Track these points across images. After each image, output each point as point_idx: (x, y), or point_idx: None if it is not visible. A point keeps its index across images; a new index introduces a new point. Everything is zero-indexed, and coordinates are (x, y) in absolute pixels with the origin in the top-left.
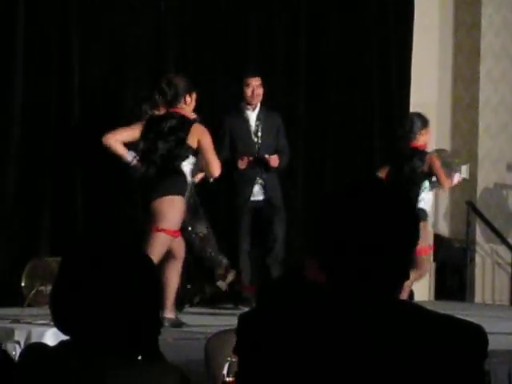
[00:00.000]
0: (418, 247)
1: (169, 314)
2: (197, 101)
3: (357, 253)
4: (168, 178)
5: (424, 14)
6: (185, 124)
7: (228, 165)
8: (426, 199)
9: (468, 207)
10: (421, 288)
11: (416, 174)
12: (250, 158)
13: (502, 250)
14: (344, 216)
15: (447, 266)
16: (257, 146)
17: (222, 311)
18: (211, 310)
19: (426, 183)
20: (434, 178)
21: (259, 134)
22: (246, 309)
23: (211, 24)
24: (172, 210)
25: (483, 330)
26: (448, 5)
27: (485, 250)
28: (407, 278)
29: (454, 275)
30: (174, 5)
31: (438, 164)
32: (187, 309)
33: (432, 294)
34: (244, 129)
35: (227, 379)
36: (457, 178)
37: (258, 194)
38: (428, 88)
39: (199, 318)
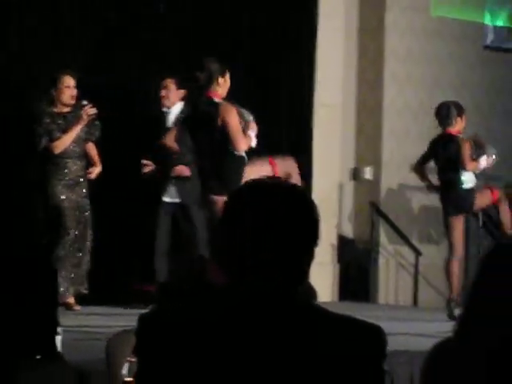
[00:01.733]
0: None
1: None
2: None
3: (256, 253)
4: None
5: (329, 16)
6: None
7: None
8: (469, 178)
9: (372, 208)
10: (324, 289)
11: (452, 159)
12: (150, 165)
13: (405, 251)
14: (242, 216)
15: (351, 266)
16: (170, 151)
17: (126, 311)
18: (115, 310)
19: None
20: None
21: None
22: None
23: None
24: None
25: (382, 331)
26: (353, 7)
27: (388, 251)
28: (306, 277)
29: (358, 276)
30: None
31: (466, 147)
32: (91, 309)
33: (336, 295)
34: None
35: (127, 379)
36: (484, 160)
37: (175, 195)
38: (333, 89)
39: (102, 318)
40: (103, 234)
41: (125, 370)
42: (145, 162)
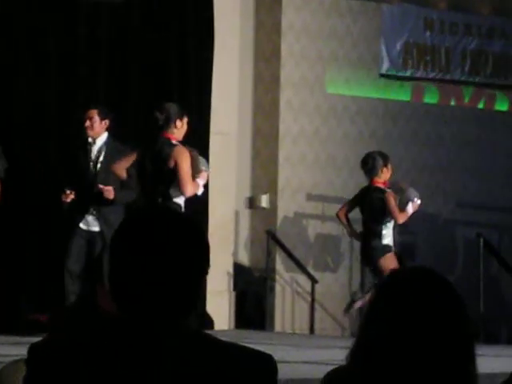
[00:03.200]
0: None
1: None
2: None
3: (143, 282)
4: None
5: (224, 42)
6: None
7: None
8: (388, 233)
9: (268, 236)
10: (221, 317)
11: (376, 211)
12: (72, 193)
13: (302, 279)
14: (128, 245)
15: (247, 294)
16: (93, 176)
17: (19, 340)
18: (8, 339)
19: (387, 219)
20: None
21: (98, 165)
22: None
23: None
24: None
25: (272, 359)
26: (248, 34)
27: (285, 279)
28: (195, 307)
29: (254, 304)
30: None
31: (392, 202)
32: None
33: (232, 323)
34: (84, 158)
35: None
36: (411, 208)
37: (92, 223)
38: (228, 117)
39: None
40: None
41: None
42: (68, 191)
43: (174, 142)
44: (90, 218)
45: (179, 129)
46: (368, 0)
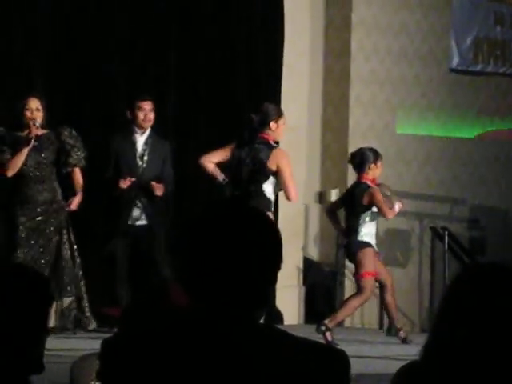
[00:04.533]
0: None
1: None
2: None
3: (218, 276)
4: (251, 199)
5: (294, 39)
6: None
7: (110, 185)
8: (367, 231)
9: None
10: (290, 311)
11: (355, 206)
12: (133, 179)
13: None
14: (206, 240)
15: (317, 289)
16: (140, 170)
17: (91, 335)
18: (80, 334)
19: (367, 216)
20: (374, 209)
21: (145, 158)
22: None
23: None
24: None
25: (345, 355)
26: (318, 30)
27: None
28: (267, 302)
29: (324, 299)
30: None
31: (378, 197)
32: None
33: (302, 318)
34: (130, 151)
35: None
36: (397, 207)
37: (137, 218)
38: (298, 112)
39: (67, 342)
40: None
41: None
42: (128, 178)
43: (272, 143)
44: (135, 212)
45: (274, 130)
46: None
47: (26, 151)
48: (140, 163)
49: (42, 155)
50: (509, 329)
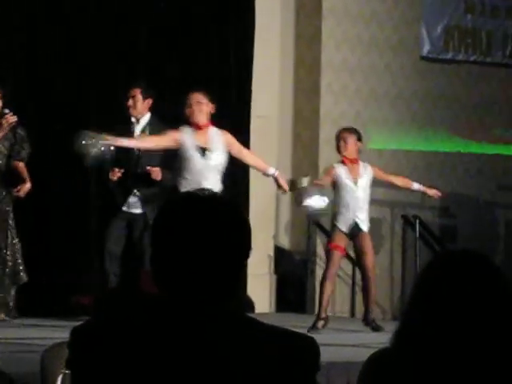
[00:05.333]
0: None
1: None
2: None
3: (186, 264)
4: None
5: (265, 27)
6: None
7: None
8: (337, 211)
9: (308, 219)
10: (261, 300)
11: None
12: (121, 171)
13: (342, 262)
14: (172, 228)
15: (288, 278)
16: (136, 157)
17: (62, 323)
18: (51, 322)
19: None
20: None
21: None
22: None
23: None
24: None
25: (315, 342)
26: (289, 18)
27: (325, 262)
28: (236, 290)
29: (295, 287)
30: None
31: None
32: (27, 321)
33: (273, 307)
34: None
35: None
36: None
37: (134, 205)
38: (269, 100)
39: (37, 331)
40: (40, 246)
41: (59, 383)
42: (116, 169)
43: None
44: (132, 199)
45: None
46: None
47: None
48: (136, 151)
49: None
50: (479, 315)
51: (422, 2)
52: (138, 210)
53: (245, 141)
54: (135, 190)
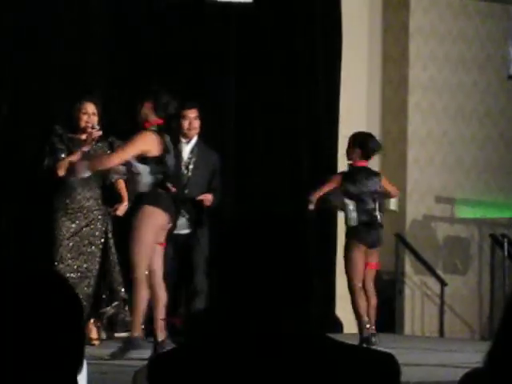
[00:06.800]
0: None
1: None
2: None
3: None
4: None
5: (352, 47)
6: None
7: None
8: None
9: (397, 239)
10: (351, 321)
11: None
12: (174, 189)
13: (431, 281)
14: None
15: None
16: (186, 179)
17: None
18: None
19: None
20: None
21: (190, 167)
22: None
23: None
24: None
25: (395, 359)
26: (376, 37)
27: (414, 282)
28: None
29: (384, 307)
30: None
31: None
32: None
33: None
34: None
35: None
36: None
37: (182, 226)
38: (357, 120)
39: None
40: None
41: None
42: (170, 185)
43: None
44: (180, 221)
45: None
46: (495, 2)
47: (79, 153)
48: (185, 172)
49: None
50: None
51: (510, 21)
52: (186, 231)
53: (332, 161)
54: (183, 211)
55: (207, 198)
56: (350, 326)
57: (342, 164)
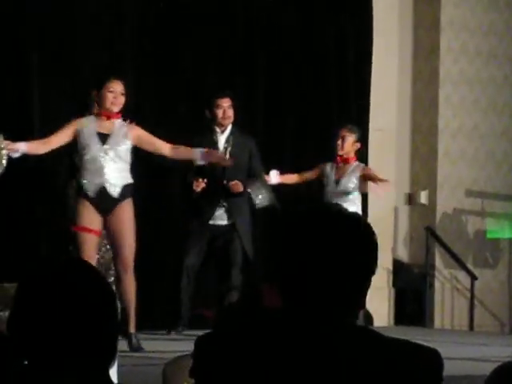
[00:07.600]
0: None
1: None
2: None
3: (314, 279)
4: None
5: (383, 40)
6: None
7: (190, 187)
8: None
9: (427, 232)
10: (380, 314)
11: None
12: (205, 181)
13: (461, 275)
14: (302, 242)
15: (406, 291)
16: (222, 169)
17: (183, 336)
18: (172, 335)
19: None
20: None
21: (227, 156)
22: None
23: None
24: None
25: (439, 354)
26: (407, 31)
27: (444, 276)
28: (364, 303)
29: (414, 301)
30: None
31: None
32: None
33: (391, 320)
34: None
35: None
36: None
37: (220, 217)
38: (387, 114)
39: (156, 343)
40: (159, 258)
41: None
42: (200, 179)
43: None
44: (218, 211)
45: None
46: None
47: None
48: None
49: None
50: None
51: None
52: (224, 222)
53: (363, 154)
54: (221, 201)
55: (233, 184)
56: (378, 319)
57: (373, 158)
